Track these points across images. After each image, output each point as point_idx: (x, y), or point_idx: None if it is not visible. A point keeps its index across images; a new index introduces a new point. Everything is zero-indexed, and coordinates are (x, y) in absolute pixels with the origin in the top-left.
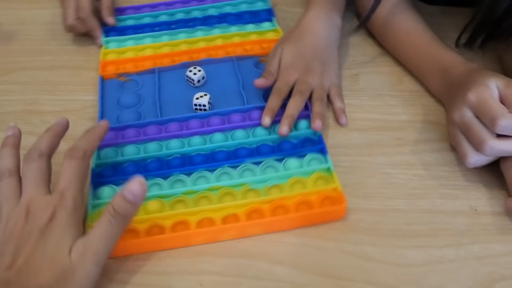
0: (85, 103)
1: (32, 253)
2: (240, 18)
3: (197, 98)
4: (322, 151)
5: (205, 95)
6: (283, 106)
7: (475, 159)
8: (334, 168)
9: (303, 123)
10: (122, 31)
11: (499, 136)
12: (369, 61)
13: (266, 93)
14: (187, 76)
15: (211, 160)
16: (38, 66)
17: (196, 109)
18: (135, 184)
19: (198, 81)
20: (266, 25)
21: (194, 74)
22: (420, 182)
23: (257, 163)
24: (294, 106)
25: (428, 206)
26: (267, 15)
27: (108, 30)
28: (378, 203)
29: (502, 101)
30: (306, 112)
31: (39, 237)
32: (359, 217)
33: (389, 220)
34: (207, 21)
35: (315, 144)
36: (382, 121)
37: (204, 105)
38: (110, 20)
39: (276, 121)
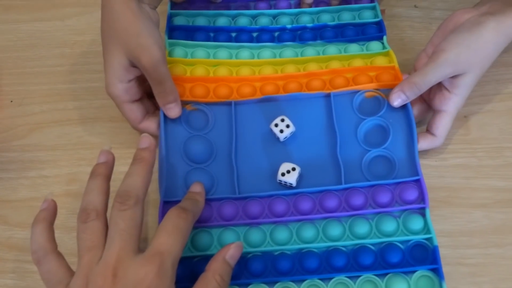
0: None
1: None
2: (340, 33)
3: (283, 174)
4: (437, 272)
5: (293, 169)
6: None
7: None
8: (459, 268)
9: (416, 221)
10: (191, 32)
11: None
12: (479, 95)
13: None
14: (272, 129)
15: (298, 266)
16: (66, 118)
17: (280, 182)
18: (237, 249)
19: (285, 137)
20: (374, 45)
21: (281, 131)
22: None
23: (354, 277)
24: None
25: None
26: (376, 30)
27: (173, 29)
28: None
29: None
30: (420, 205)
31: None
32: None
33: None
34: (298, 34)
35: (427, 258)
36: (507, 191)
37: (291, 184)
38: None
39: (375, 212)
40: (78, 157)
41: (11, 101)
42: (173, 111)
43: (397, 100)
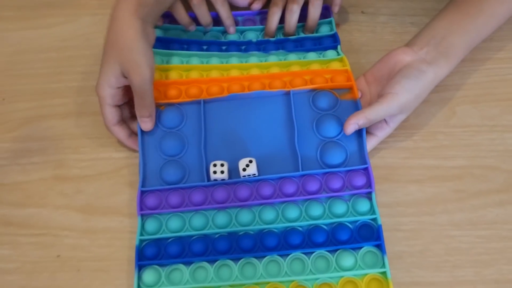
0: (118, 162)
1: None
2: (300, 45)
3: (244, 169)
4: (380, 248)
5: (251, 162)
6: None
7: None
8: (396, 233)
9: (363, 204)
10: (167, 43)
11: None
12: None
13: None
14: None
15: (260, 244)
16: (52, 113)
17: (245, 176)
18: None
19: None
20: (330, 53)
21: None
22: (485, 246)
23: (308, 253)
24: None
25: (495, 275)
26: (331, 41)
27: None
28: (447, 275)
29: None
30: (367, 190)
31: None
32: None
33: None
34: (263, 46)
35: (372, 235)
36: (438, 168)
37: (255, 174)
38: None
39: (328, 196)
40: (63, 146)
41: (3, 99)
42: (146, 124)
43: (352, 130)
